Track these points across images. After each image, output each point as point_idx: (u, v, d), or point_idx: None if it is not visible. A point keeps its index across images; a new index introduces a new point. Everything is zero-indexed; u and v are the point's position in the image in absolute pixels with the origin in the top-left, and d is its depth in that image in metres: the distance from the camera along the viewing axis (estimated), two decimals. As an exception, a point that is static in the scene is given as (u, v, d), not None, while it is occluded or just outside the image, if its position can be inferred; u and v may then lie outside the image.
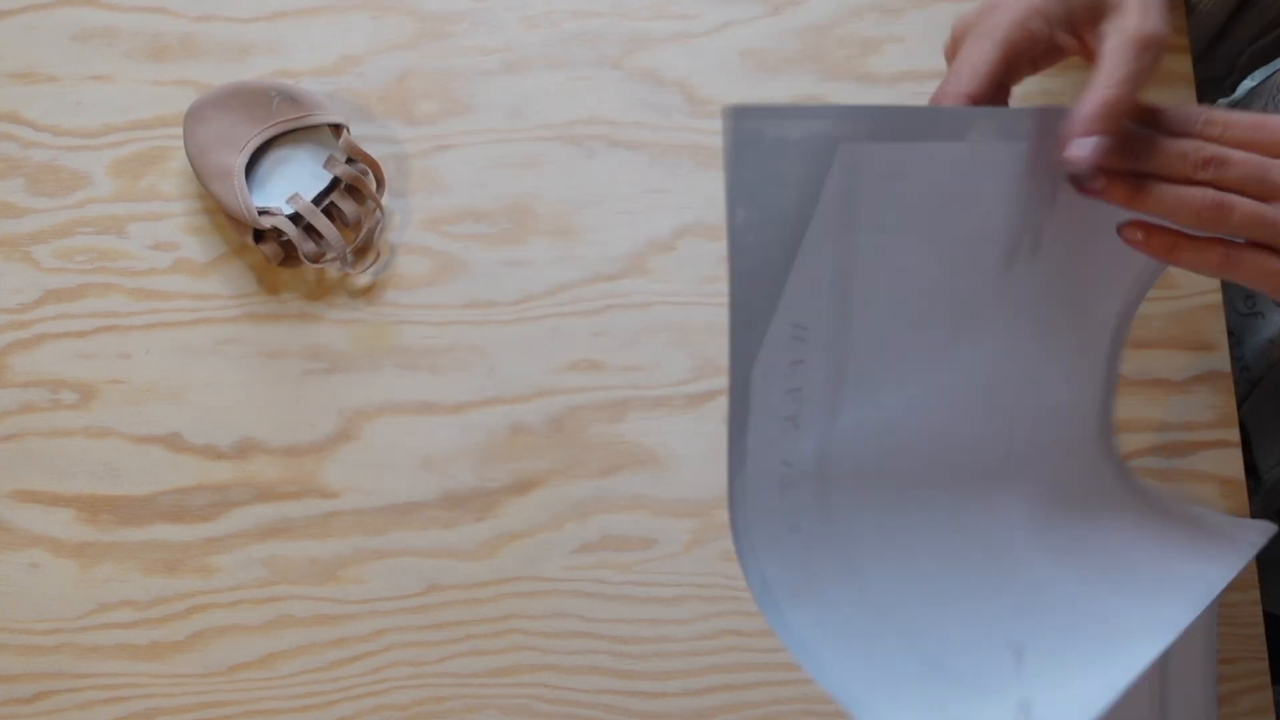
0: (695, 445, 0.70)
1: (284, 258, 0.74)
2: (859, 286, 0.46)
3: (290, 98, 0.74)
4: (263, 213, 0.72)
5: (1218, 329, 0.70)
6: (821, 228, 0.44)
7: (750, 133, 0.42)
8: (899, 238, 0.46)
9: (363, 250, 0.74)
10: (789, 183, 0.43)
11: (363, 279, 0.74)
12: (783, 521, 0.48)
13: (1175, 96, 0.74)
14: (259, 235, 0.73)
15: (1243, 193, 0.46)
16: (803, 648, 0.48)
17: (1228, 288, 0.72)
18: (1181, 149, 0.46)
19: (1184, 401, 0.69)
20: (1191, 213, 0.46)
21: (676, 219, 0.74)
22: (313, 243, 0.73)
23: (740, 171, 0.42)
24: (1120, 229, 0.48)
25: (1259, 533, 0.56)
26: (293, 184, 0.74)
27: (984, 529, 0.53)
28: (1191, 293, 0.71)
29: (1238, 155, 0.46)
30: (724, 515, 0.68)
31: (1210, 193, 0.46)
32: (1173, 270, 0.71)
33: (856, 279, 0.46)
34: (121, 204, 0.76)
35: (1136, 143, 0.46)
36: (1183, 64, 0.74)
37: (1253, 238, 0.46)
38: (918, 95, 0.75)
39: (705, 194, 0.74)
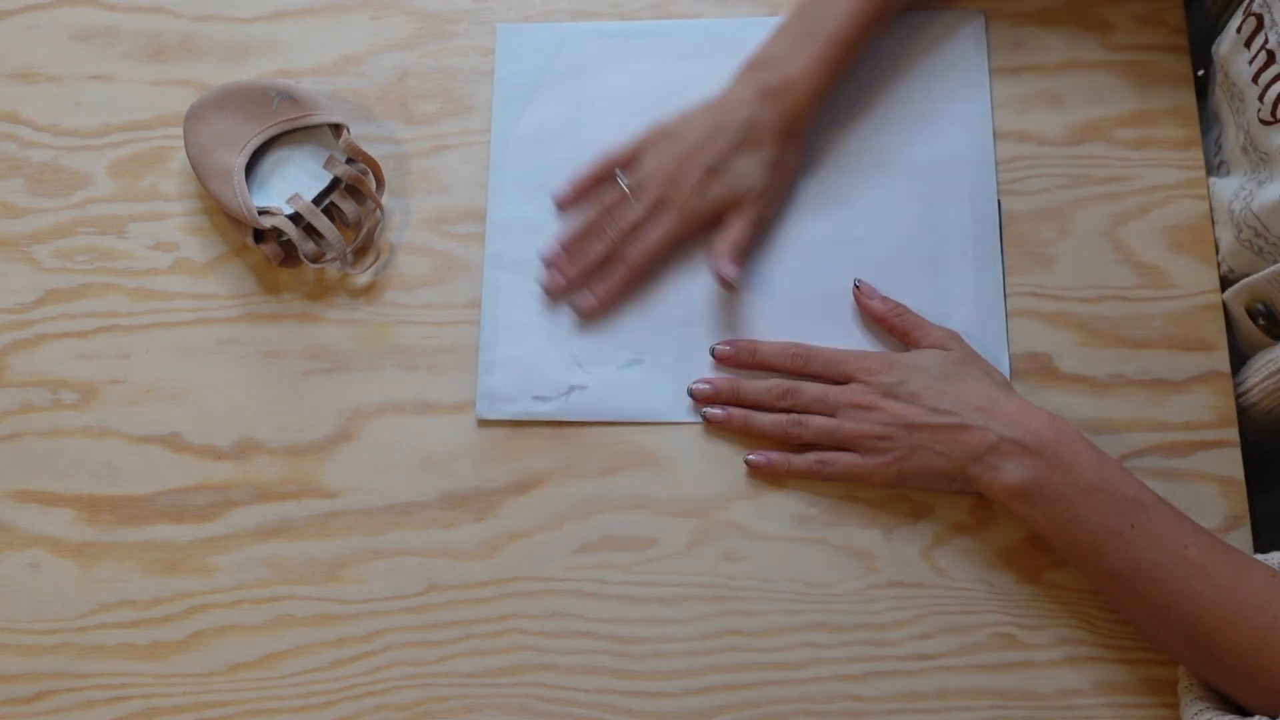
0: (695, 445, 0.70)
1: (284, 258, 0.74)
2: None
3: (290, 97, 0.74)
4: (263, 213, 0.72)
5: (1217, 329, 0.70)
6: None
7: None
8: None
9: (363, 250, 0.74)
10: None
11: (363, 279, 0.74)
12: None
13: (1175, 96, 0.74)
14: (259, 235, 0.73)
15: (813, 412, 0.67)
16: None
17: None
18: (767, 386, 0.68)
19: (1184, 401, 0.69)
20: (780, 432, 0.68)
21: (676, 219, 0.74)
22: (313, 243, 0.73)
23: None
24: (746, 461, 0.69)
25: None
26: (293, 184, 0.74)
27: None
28: (1191, 293, 0.71)
29: (806, 385, 0.68)
30: (724, 515, 0.69)
31: (786, 416, 0.68)
32: (1172, 271, 0.71)
33: None
34: (121, 204, 0.76)
35: (742, 386, 0.69)
36: (1182, 64, 0.74)
37: (829, 444, 0.67)
38: (917, 95, 0.75)
39: (705, 194, 0.74)
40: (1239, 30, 0.66)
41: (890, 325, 0.69)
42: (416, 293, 0.73)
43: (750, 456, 0.68)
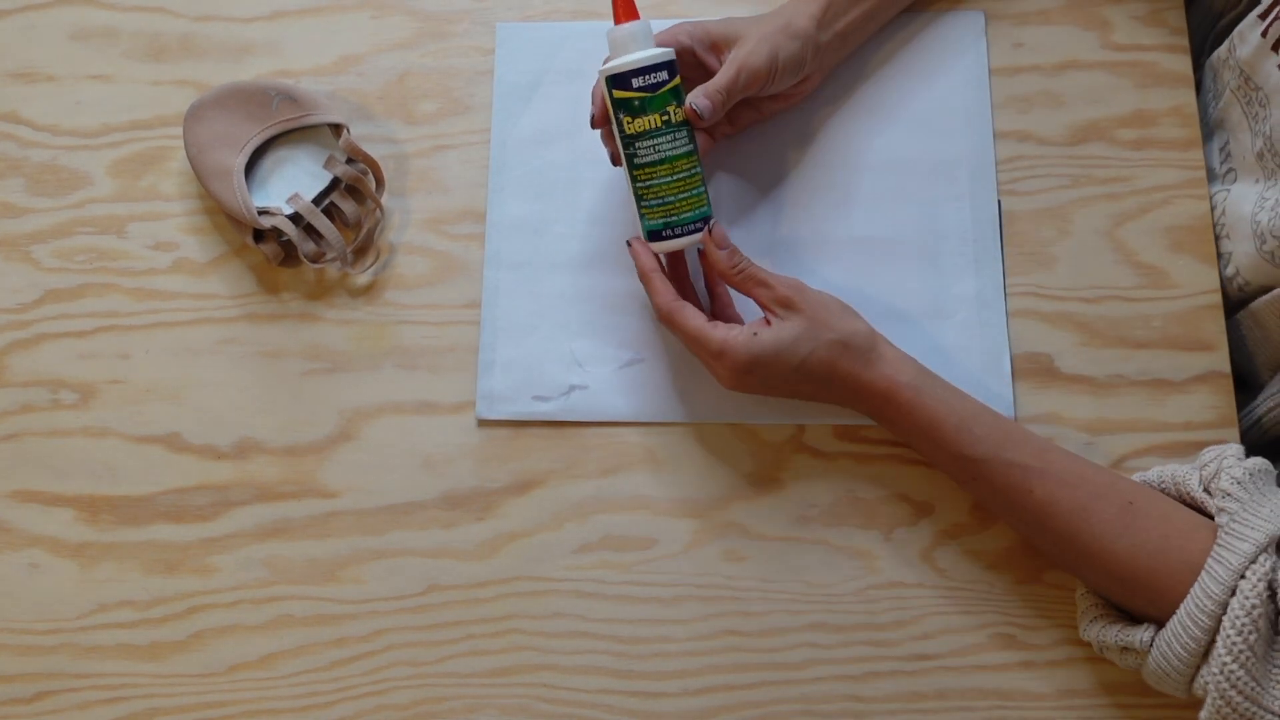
0: (695, 445, 0.70)
1: (284, 258, 0.74)
2: None
3: (290, 97, 0.74)
4: (263, 213, 0.72)
5: (1217, 329, 0.70)
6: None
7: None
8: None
9: (362, 250, 0.74)
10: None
11: (362, 279, 0.74)
12: None
13: (1175, 96, 0.74)
14: (259, 235, 0.73)
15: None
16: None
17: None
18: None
19: (1184, 401, 0.69)
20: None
21: (676, 219, 0.74)
22: (313, 243, 0.73)
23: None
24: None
25: None
26: (293, 184, 0.74)
27: None
28: (1191, 293, 0.71)
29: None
30: (724, 515, 0.69)
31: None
32: (1172, 271, 0.71)
33: None
34: (121, 204, 0.76)
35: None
36: (1182, 64, 0.74)
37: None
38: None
39: (705, 194, 0.74)
40: (1264, 34, 0.66)
41: (732, 283, 0.66)
42: (416, 293, 0.73)
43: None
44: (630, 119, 0.64)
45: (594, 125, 0.67)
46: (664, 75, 0.64)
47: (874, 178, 0.73)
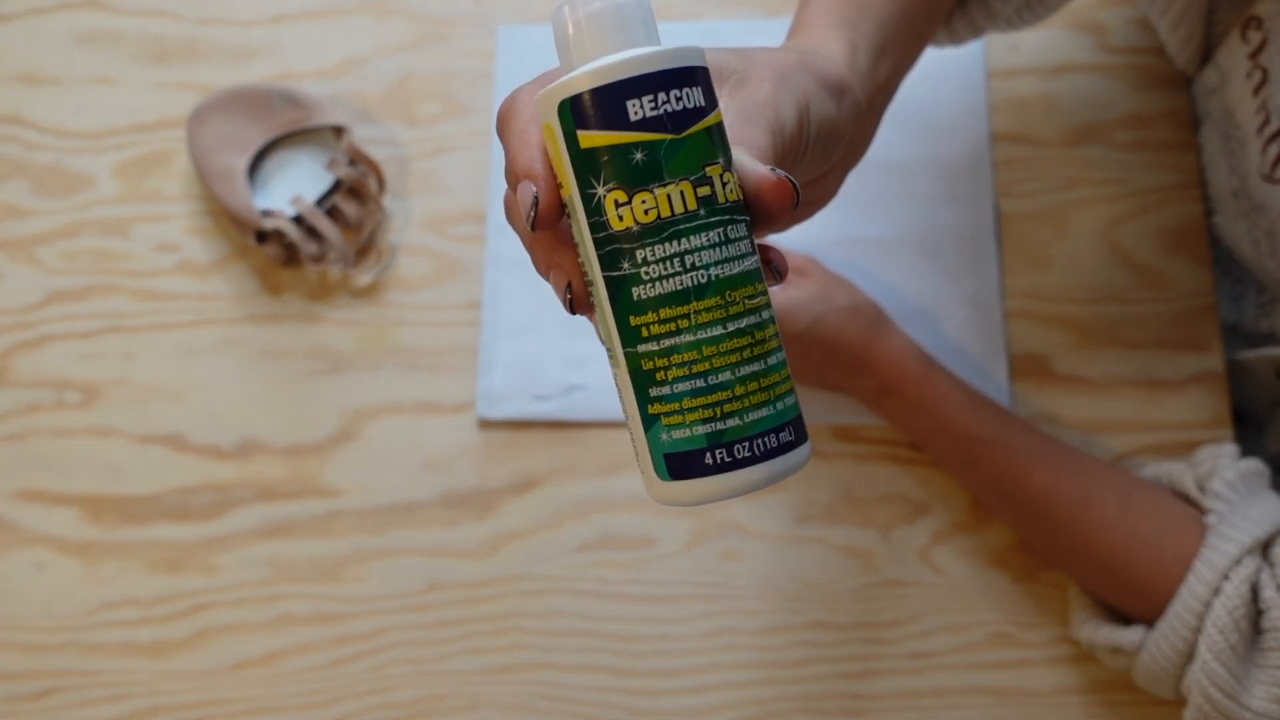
0: (694, 445, 0.70)
1: (286, 259, 0.74)
2: None
3: (292, 100, 0.74)
4: (265, 214, 0.72)
5: (1211, 330, 0.70)
6: None
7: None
8: None
9: (364, 251, 0.75)
10: None
11: (364, 280, 0.74)
12: None
13: (1170, 99, 0.74)
14: (261, 236, 0.73)
15: None
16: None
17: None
18: None
19: (1179, 402, 0.69)
20: None
21: (676, 221, 0.74)
22: (315, 244, 0.74)
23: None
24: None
25: None
26: (295, 186, 0.74)
27: None
28: (1186, 294, 0.71)
29: None
30: (724, 515, 0.69)
31: None
32: (1167, 272, 0.71)
33: None
34: (125, 206, 0.76)
35: None
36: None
37: None
38: (915, 98, 0.75)
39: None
40: (1248, 76, 0.64)
41: None
42: (417, 293, 0.74)
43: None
44: (624, 195, 0.32)
45: (537, 225, 0.34)
46: (698, 97, 0.33)
47: (872, 179, 0.73)
